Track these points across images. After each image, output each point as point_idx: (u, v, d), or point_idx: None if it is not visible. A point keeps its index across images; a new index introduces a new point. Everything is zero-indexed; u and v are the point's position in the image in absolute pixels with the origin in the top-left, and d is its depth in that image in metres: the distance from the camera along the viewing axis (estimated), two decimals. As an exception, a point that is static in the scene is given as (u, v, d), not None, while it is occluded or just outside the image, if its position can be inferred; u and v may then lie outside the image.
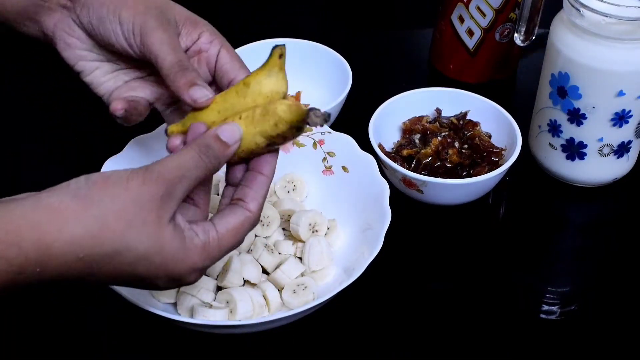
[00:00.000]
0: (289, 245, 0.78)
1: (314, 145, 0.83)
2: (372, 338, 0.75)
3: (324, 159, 0.83)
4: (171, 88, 0.64)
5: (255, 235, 0.79)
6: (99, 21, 0.66)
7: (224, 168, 0.63)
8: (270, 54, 0.61)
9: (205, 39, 0.68)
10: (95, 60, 0.69)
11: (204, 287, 0.73)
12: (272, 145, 0.61)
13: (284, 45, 0.61)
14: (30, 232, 0.52)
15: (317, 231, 0.78)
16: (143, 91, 0.70)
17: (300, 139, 0.83)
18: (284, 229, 0.81)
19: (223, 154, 0.60)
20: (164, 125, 0.79)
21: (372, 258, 0.70)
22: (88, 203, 0.54)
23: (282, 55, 0.60)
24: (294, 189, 0.83)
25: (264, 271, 0.77)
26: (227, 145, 0.60)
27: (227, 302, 0.72)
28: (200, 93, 0.63)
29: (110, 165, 0.78)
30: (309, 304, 0.68)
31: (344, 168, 0.82)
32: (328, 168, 0.83)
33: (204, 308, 0.71)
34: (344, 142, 0.82)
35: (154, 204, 0.55)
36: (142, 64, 0.68)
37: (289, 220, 0.79)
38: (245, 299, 0.72)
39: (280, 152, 0.84)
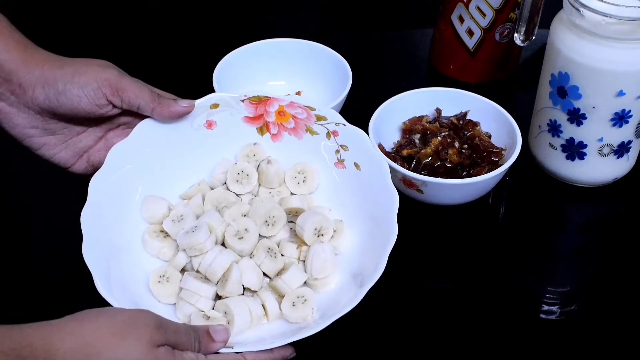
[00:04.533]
0: (293, 249, 0.77)
1: (328, 135, 0.82)
2: (371, 338, 0.76)
3: (337, 151, 0.82)
4: (159, 117, 0.78)
5: (260, 236, 0.78)
6: (58, 94, 0.73)
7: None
8: None
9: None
10: (42, 136, 0.76)
11: (203, 295, 0.72)
12: None
13: None
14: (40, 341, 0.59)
15: (322, 235, 0.77)
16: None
17: (314, 127, 0.82)
18: (290, 221, 0.80)
19: (206, 346, 0.67)
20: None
21: (374, 283, 0.70)
22: (85, 320, 0.62)
23: None
24: (304, 180, 0.82)
25: (266, 275, 0.76)
26: (212, 339, 0.67)
27: (225, 313, 0.72)
28: (181, 106, 0.78)
29: (117, 149, 0.78)
30: (304, 331, 0.69)
31: (356, 165, 0.80)
32: (341, 161, 0.82)
33: (201, 318, 0.71)
34: (357, 137, 0.80)
35: (148, 327, 0.62)
36: (92, 122, 0.78)
37: (296, 215, 0.78)
38: (243, 311, 0.71)
39: (293, 137, 0.83)
